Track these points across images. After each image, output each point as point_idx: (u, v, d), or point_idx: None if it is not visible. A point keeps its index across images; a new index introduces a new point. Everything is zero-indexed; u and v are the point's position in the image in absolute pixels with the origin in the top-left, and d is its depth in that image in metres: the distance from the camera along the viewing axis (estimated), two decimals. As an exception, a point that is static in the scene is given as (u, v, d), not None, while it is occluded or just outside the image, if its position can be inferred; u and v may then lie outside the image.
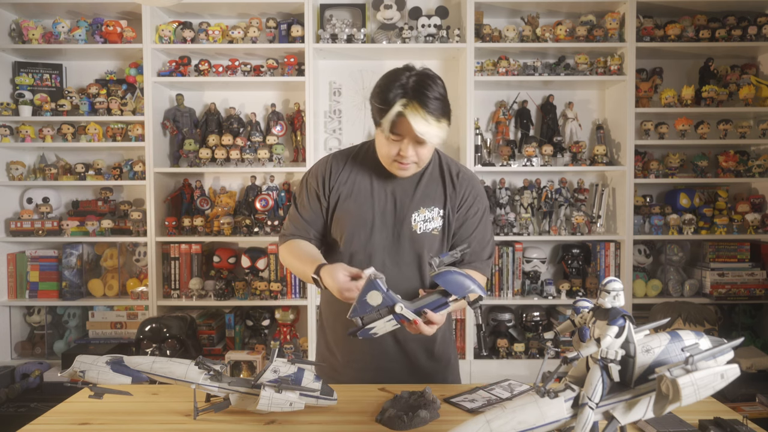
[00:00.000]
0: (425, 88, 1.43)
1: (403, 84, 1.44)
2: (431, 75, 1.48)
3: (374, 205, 1.58)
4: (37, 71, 3.29)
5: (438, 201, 1.60)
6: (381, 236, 1.58)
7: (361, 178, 1.61)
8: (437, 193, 1.61)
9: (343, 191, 1.60)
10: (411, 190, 1.60)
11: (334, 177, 1.61)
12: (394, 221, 1.58)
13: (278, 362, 1.31)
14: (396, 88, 1.43)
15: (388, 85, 1.45)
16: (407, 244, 1.58)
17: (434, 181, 1.62)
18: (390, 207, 1.59)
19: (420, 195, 1.59)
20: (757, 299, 3.15)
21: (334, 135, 3.34)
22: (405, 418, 1.24)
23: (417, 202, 1.59)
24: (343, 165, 1.62)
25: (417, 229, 1.58)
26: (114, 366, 1.30)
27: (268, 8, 3.16)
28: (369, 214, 1.58)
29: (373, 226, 1.57)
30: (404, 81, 1.44)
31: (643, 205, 3.23)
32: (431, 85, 1.44)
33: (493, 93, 3.35)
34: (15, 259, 3.21)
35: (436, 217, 1.59)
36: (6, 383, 2.89)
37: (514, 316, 3.21)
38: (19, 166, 3.19)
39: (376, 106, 1.47)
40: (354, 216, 1.58)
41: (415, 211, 1.58)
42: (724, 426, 1.17)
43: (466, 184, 1.63)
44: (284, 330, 3.17)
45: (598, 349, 0.92)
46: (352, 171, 1.62)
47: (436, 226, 1.59)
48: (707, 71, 3.24)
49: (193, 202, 3.22)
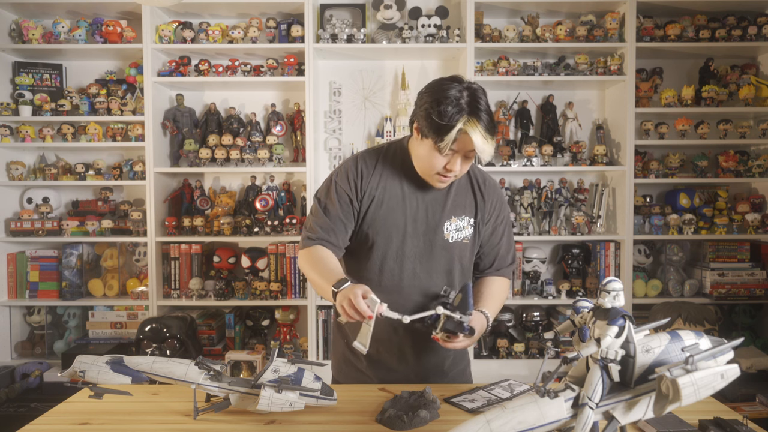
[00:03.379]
0: (481, 105, 1.42)
1: (457, 98, 1.41)
2: (481, 89, 1.47)
3: (406, 213, 1.57)
4: (37, 71, 3.29)
5: (469, 210, 1.61)
6: (413, 244, 1.57)
7: (392, 184, 1.59)
8: (467, 202, 1.62)
9: (375, 196, 1.57)
10: (442, 199, 1.59)
11: (365, 180, 1.58)
12: (426, 229, 1.58)
13: (278, 362, 1.31)
14: (453, 104, 1.40)
15: (443, 100, 1.41)
16: (439, 252, 1.58)
17: (464, 190, 1.62)
18: (422, 215, 1.58)
19: (451, 204, 1.59)
20: (757, 299, 3.15)
21: (334, 135, 3.34)
22: (405, 418, 1.24)
23: (449, 211, 1.59)
24: (374, 168, 1.59)
25: (449, 238, 1.58)
26: (114, 366, 1.30)
27: (268, 8, 3.16)
28: (401, 222, 1.57)
29: (405, 234, 1.57)
30: (460, 96, 1.41)
31: (643, 205, 3.23)
32: (484, 100, 1.44)
33: (493, 93, 3.35)
34: (15, 259, 3.21)
35: (467, 226, 1.60)
36: (6, 383, 2.89)
37: (514, 316, 3.21)
38: (19, 166, 3.19)
39: (435, 122, 1.41)
40: (386, 223, 1.57)
41: (447, 220, 1.58)
42: (724, 426, 1.17)
43: (493, 193, 1.65)
44: (284, 330, 3.17)
45: (598, 349, 0.92)
46: (383, 175, 1.59)
47: (467, 234, 1.60)
48: (707, 71, 3.24)
49: (193, 202, 3.22)
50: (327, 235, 1.57)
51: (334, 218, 1.57)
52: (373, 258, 1.58)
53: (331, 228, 1.57)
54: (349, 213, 1.58)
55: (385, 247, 1.57)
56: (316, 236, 1.57)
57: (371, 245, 1.58)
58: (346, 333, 1.70)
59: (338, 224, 1.57)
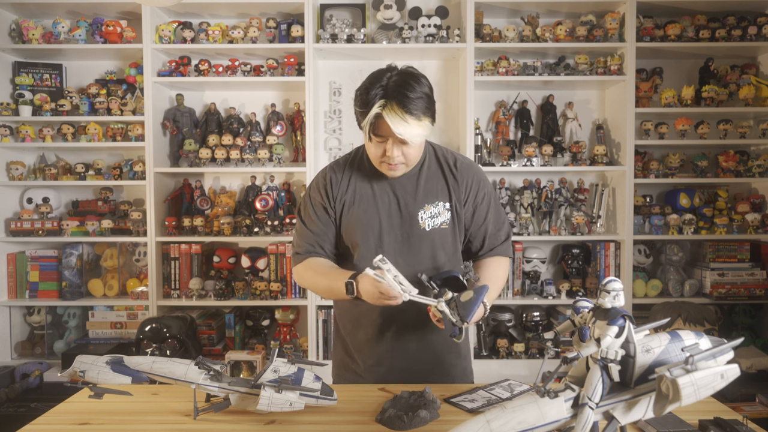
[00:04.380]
0: (405, 88, 1.41)
1: (383, 85, 1.43)
2: (414, 74, 1.47)
3: (379, 209, 1.58)
4: (37, 71, 3.29)
5: (442, 195, 1.60)
6: (390, 238, 1.57)
7: (361, 184, 1.60)
8: (439, 187, 1.60)
9: (346, 200, 1.59)
10: (413, 188, 1.59)
11: (335, 187, 1.60)
12: (401, 222, 1.58)
13: (278, 362, 1.31)
14: (376, 89, 1.42)
15: (368, 87, 1.44)
16: (418, 242, 1.58)
17: (434, 176, 1.61)
18: (395, 208, 1.58)
19: (422, 192, 1.59)
20: (757, 299, 3.15)
21: (334, 135, 3.34)
22: (405, 418, 1.24)
23: (421, 200, 1.58)
24: (342, 174, 1.62)
25: (425, 227, 1.57)
26: (114, 366, 1.30)
27: (268, 8, 3.16)
28: (375, 219, 1.57)
29: (381, 230, 1.57)
30: (384, 82, 1.43)
31: (643, 205, 3.23)
32: (412, 84, 1.43)
33: (493, 93, 3.35)
34: (15, 259, 3.21)
35: (443, 211, 1.59)
36: (6, 383, 2.89)
37: (514, 316, 3.21)
38: (19, 166, 3.19)
39: (357, 109, 1.47)
40: (361, 222, 1.57)
41: (420, 209, 1.58)
42: (724, 426, 1.17)
43: (466, 172, 1.62)
44: (284, 330, 3.17)
45: (598, 349, 0.92)
46: (351, 178, 1.61)
47: (445, 220, 1.59)
48: (707, 71, 3.24)
49: (193, 202, 3.22)
50: (314, 247, 1.61)
51: (317, 231, 1.61)
52: (354, 259, 1.59)
53: (316, 241, 1.61)
54: (329, 222, 1.61)
55: (363, 246, 1.57)
56: (305, 251, 1.61)
57: (351, 247, 1.60)
58: (344, 338, 1.70)
59: (322, 236, 1.61)
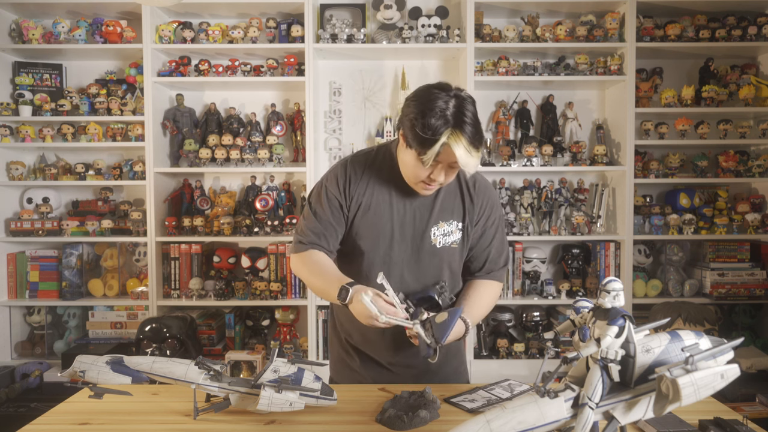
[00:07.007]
0: (465, 116, 1.38)
1: (443, 110, 1.37)
2: (469, 98, 1.43)
3: (393, 218, 1.56)
4: (37, 71, 3.29)
5: (457, 214, 1.59)
6: (400, 249, 1.56)
7: (379, 190, 1.57)
8: (456, 206, 1.59)
9: (362, 202, 1.57)
10: (430, 203, 1.58)
11: (353, 186, 1.57)
12: (413, 234, 1.56)
13: (278, 362, 1.31)
14: (437, 116, 1.36)
15: (428, 112, 1.37)
16: (427, 258, 1.57)
17: (452, 194, 1.60)
18: (409, 220, 1.57)
19: (438, 209, 1.57)
20: (757, 299, 3.15)
21: (334, 135, 3.34)
22: (405, 418, 1.24)
23: (436, 216, 1.57)
24: (362, 173, 1.58)
25: (436, 243, 1.56)
26: (114, 366, 1.30)
27: (268, 8, 3.16)
28: (388, 227, 1.56)
29: (393, 240, 1.56)
30: (444, 106, 1.37)
31: (643, 205, 3.23)
32: (471, 110, 1.40)
33: (493, 93, 3.35)
34: (15, 259, 3.21)
35: (455, 230, 1.58)
36: (6, 383, 2.89)
37: (514, 316, 3.21)
38: (19, 166, 3.19)
39: (419, 134, 1.37)
40: (374, 228, 1.56)
41: (434, 225, 1.56)
42: (724, 426, 1.17)
43: (483, 195, 1.61)
44: (284, 330, 3.17)
45: (598, 349, 0.92)
46: (371, 180, 1.58)
47: (456, 239, 1.58)
48: (707, 71, 3.24)
49: (193, 202, 3.22)
50: (318, 239, 1.57)
51: (326, 223, 1.57)
52: (360, 264, 1.58)
53: (323, 233, 1.57)
54: (340, 218, 1.58)
55: (372, 253, 1.56)
56: (308, 240, 1.58)
57: (358, 251, 1.58)
58: (341, 333, 1.70)
59: (329, 229, 1.58)
